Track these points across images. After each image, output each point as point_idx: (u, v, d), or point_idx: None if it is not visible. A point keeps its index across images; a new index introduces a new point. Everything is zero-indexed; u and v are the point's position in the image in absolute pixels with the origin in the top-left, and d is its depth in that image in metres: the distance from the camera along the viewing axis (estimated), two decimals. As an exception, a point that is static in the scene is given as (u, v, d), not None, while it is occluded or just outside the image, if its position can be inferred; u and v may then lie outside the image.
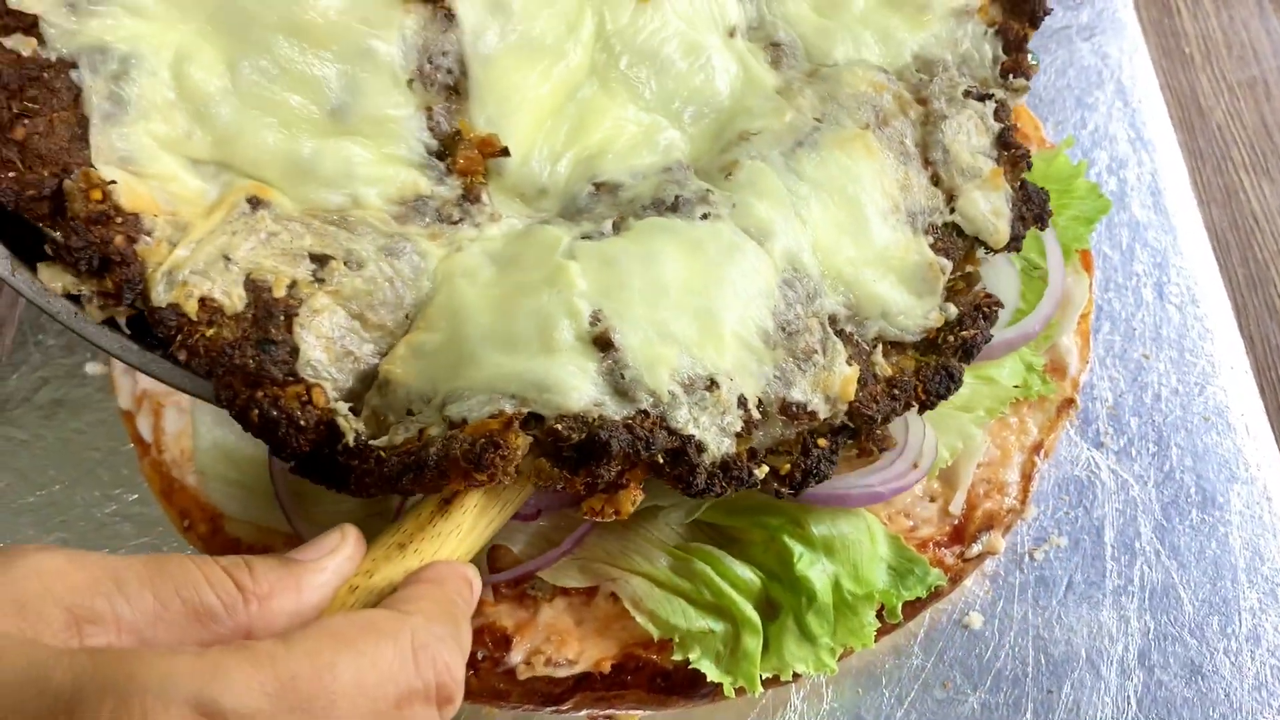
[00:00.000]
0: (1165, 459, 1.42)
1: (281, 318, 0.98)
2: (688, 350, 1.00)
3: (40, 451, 1.46)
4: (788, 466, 1.02)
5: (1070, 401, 1.38)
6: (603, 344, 0.98)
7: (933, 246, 1.15)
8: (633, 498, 0.98)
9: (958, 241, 1.17)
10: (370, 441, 0.96)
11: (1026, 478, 1.33)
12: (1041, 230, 1.22)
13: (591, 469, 0.94)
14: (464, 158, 1.10)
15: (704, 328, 1.02)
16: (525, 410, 0.95)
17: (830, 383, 1.06)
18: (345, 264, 1.02)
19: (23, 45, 0.96)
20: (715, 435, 0.99)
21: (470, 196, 1.11)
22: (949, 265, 1.15)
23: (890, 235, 1.13)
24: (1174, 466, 1.41)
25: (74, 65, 0.98)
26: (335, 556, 0.86)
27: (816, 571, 1.15)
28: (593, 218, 1.11)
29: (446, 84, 1.11)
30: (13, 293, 1.63)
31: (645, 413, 0.97)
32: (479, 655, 1.19)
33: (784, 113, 1.19)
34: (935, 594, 1.24)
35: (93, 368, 1.52)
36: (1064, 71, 1.77)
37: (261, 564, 0.80)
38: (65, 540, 1.39)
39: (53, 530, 1.40)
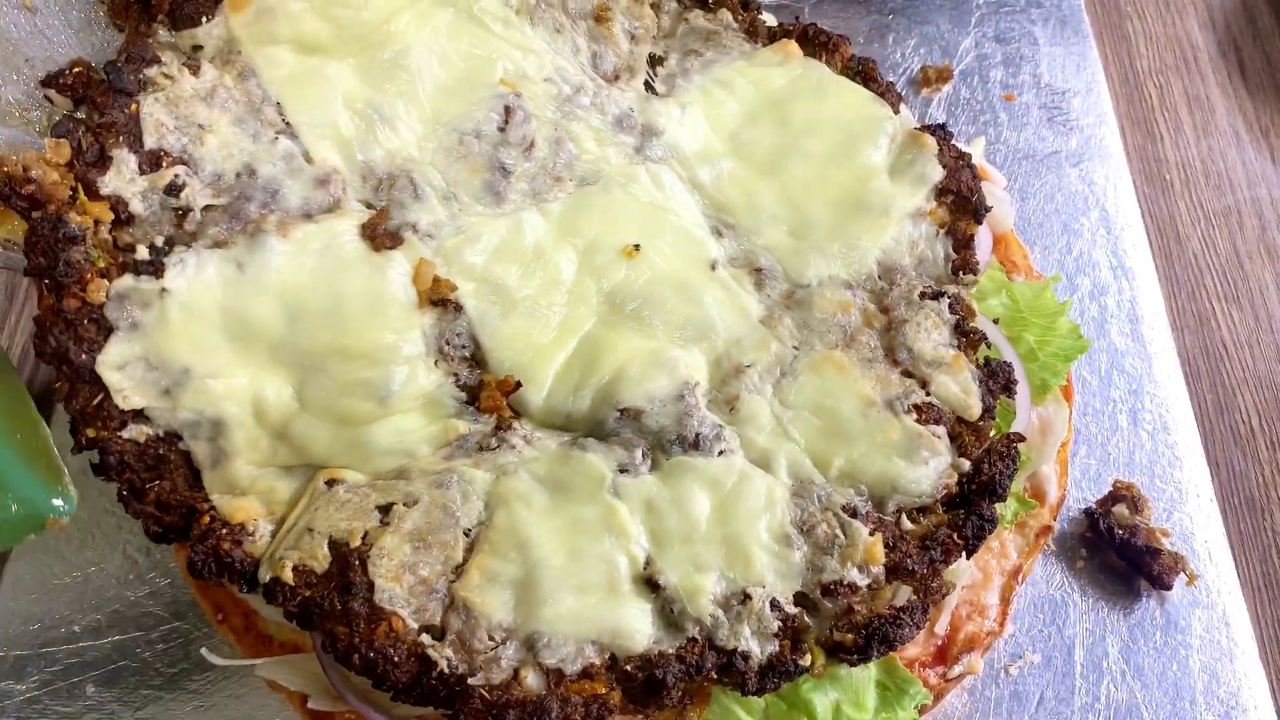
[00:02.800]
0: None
1: (357, 561, 1.15)
2: (721, 573, 1.17)
3: (76, 532, 1.54)
4: (851, 638, 1.15)
5: (1048, 528, 1.48)
6: (652, 585, 1.16)
7: (918, 420, 1.26)
8: (700, 711, 1.18)
9: (945, 411, 1.28)
10: (468, 679, 1.09)
11: (1005, 601, 1.44)
12: (1009, 398, 1.34)
13: (656, 699, 1.11)
14: (488, 399, 1.29)
15: (731, 551, 1.19)
16: (607, 655, 1.12)
17: (855, 554, 1.19)
18: (404, 504, 1.19)
19: (138, 434, 1.20)
20: (758, 642, 1.15)
21: (503, 425, 1.28)
22: (942, 430, 1.26)
23: (873, 426, 1.26)
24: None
25: (179, 436, 1.21)
26: None
27: (819, 695, 1.25)
28: (622, 442, 1.26)
29: (464, 356, 1.31)
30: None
31: (694, 639, 1.14)
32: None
33: (769, 344, 1.33)
34: (920, 710, 1.34)
35: (127, 450, 1.59)
36: (1052, 197, 1.88)
37: None
38: (100, 622, 1.47)
39: (88, 611, 1.48)
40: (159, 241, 1.26)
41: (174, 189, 1.26)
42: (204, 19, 1.34)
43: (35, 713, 1.41)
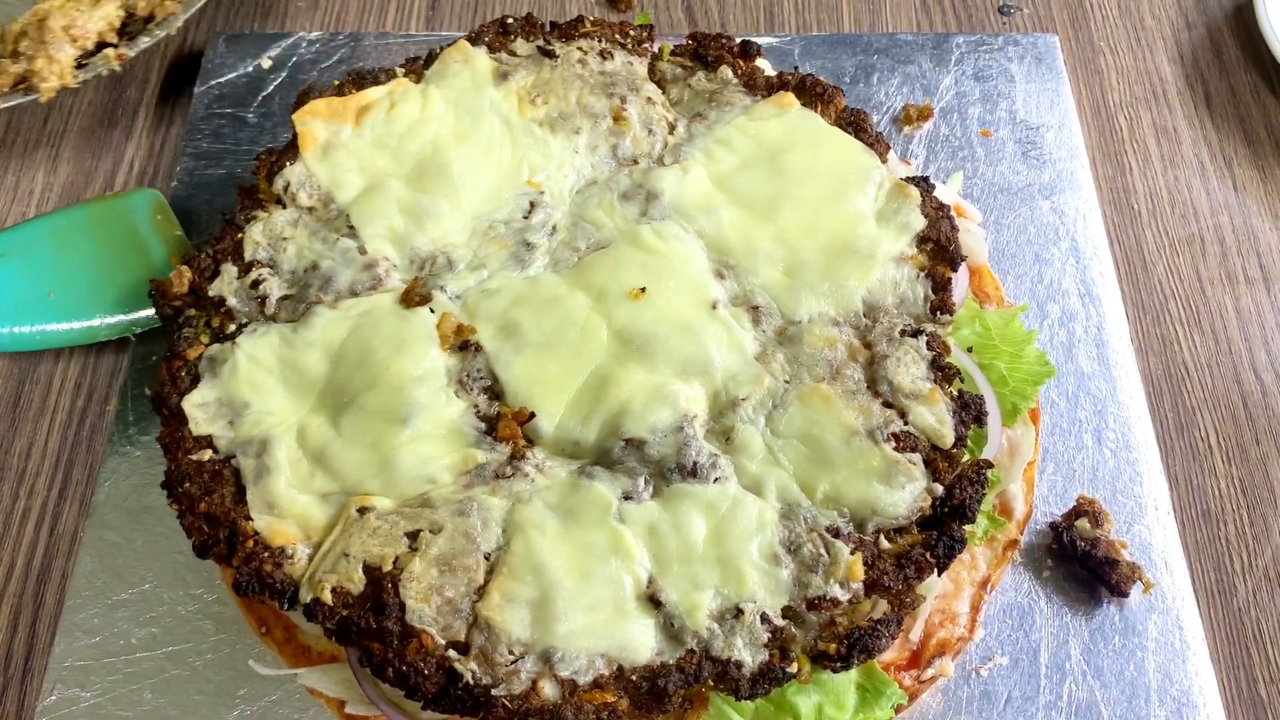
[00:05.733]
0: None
1: (389, 584, 1.30)
2: (717, 590, 1.31)
3: (131, 553, 1.69)
4: (834, 647, 1.29)
5: (1015, 542, 1.63)
6: (655, 602, 1.30)
7: (896, 448, 1.40)
8: (698, 714, 1.34)
9: (921, 439, 1.42)
10: (491, 690, 1.23)
11: (975, 609, 1.58)
12: (980, 428, 1.48)
13: (659, 705, 1.25)
14: (504, 428, 1.44)
15: (725, 569, 1.32)
16: (615, 667, 1.26)
17: (837, 571, 1.33)
18: (430, 532, 1.34)
19: (202, 455, 1.44)
20: (750, 652, 1.29)
21: (517, 455, 1.43)
22: (918, 457, 1.40)
23: (855, 454, 1.40)
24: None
25: (233, 456, 1.41)
26: None
27: (803, 699, 1.39)
28: (626, 470, 1.41)
29: (484, 387, 1.48)
30: (101, 408, 1.86)
31: (692, 651, 1.28)
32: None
33: (763, 379, 1.47)
34: (896, 710, 1.49)
35: (174, 476, 1.75)
36: (1025, 228, 2.01)
37: None
38: (155, 634, 1.62)
39: (145, 625, 1.62)
40: (243, 321, 1.55)
41: (257, 284, 1.56)
42: (288, 163, 1.64)
43: (99, 717, 1.56)
